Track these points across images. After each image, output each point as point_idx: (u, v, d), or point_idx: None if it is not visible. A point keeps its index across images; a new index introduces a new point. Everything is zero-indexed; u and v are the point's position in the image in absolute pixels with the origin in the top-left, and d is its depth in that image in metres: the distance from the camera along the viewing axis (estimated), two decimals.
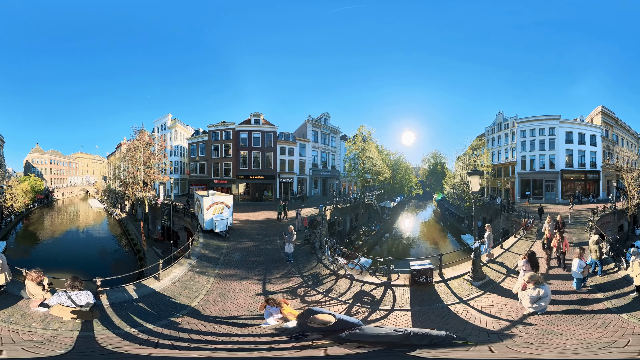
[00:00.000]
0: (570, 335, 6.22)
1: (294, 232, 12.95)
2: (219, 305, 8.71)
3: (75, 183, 64.47)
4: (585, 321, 6.99)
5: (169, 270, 10.97)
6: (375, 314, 8.20)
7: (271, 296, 6.70)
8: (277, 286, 10.20)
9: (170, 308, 8.28)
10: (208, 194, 18.70)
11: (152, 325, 7.06)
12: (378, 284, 10.14)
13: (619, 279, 9.30)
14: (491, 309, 8.00)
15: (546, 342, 5.83)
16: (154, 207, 28.58)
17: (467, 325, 7.21)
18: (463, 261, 11.97)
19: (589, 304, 7.95)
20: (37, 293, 7.03)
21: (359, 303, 8.88)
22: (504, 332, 6.62)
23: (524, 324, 6.95)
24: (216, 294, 9.53)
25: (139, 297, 8.71)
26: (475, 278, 9.86)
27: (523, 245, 14.83)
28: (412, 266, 10.16)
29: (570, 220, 21.36)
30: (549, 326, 6.72)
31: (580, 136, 35.38)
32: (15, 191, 35.64)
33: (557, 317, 7.26)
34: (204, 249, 14.17)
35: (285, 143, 37.25)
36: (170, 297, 8.95)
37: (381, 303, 8.87)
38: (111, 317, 7.28)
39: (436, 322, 7.49)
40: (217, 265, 12.22)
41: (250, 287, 10.08)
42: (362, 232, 29.18)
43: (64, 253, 26.98)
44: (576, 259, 8.87)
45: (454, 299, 8.89)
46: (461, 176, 39.36)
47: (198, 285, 10.03)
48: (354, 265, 11.36)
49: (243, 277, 10.97)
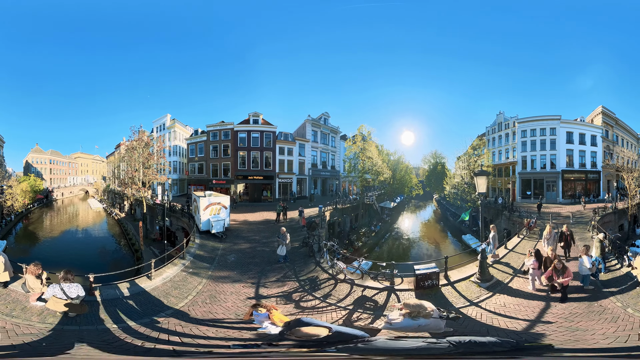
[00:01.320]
0: (590, 329, 6.50)
1: (286, 235, 12.77)
2: (206, 307, 8.57)
3: (75, 183, 64.40)
4: (597, 316, 7.22)
5: (162, 269, 10.93)
6: (379, 321, 7.92)
7: (260, 301, 6.50)
8: (271, 290, 9.96)
9: (156, 307, 8.25)
10: (205, 195, 18.80)
11: (133, 323, 7.15)
12: (380, 289, 9.82)
13: (622, 276, 9.52)
14: (505, 310, 7.95)
15: (572, 339, 6.06)
16: (153, 208, 28.56)
17: (489, 327, 7.13)
18: (468, 263, 11.82)
19: (597, 300, 8.16)
20: (36, 286, 7.33)
21: (360, 309, 8.56)
22: (530, 332, 6.67)
23: (543, 322, 7.14)
24: (206, 295, 9.39)
25: (129, 295, 8.74)
26: (483, 280, 9.78)
27: (527, 245, 14.85)
28: (417, 270, 9.84)
29: (572, 220, 21.41)
30: (568, 323, 6.97)
31: (581, 136, 35.30)
32: (15, 191, 35.60)
33: (571, 313, 7.48)
34: (199, 250, 14.13)
35: (284, 143, 37.11)
36: (159, 297, 8.89)
37: (385, 309, 8.53)
38: (99, 312, 7.45)
39: (452, 327, 7.25)
40: (211, 267, 12.11)
41: (242, 290, 9.90)
42: (362, 233, 29.04)
43: (63, 252, 26.95)
44: (584, 256, 8.97)
45: (464, 301, 8.69)
46: (462, 176, 39.22)
47: (189, 286, 9.96)
48: (354, 269, 11.07)
49: (236, 280, 10.80)
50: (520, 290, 9.27)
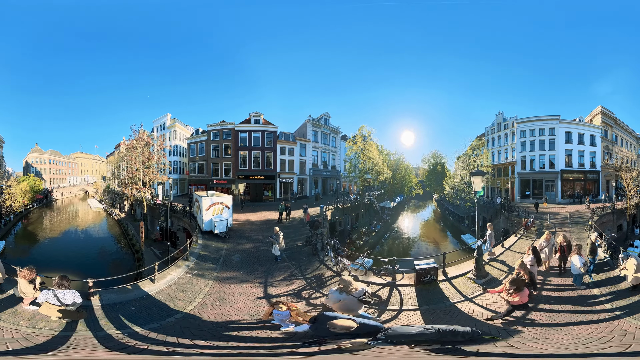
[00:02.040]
0: (567, 330, 6.52)
1: (279, 233, 12.87)
2: (217, 309, 8.49)
3: (75, 183, 64.21)
4: (582, 316, 7.28)
5: (166, 272, 10.76)
6: (385, 315, 8.18)
7: (280, 300, 6.56)
8: (280, 289, 10.04)
9: (163, 312, 8.03)
10: (207, 195, 18.50)
11: (140, 328, 6.93)
12: (383, 284, 10.12)
13: (615, 277, 9.58)
14: (495, 306, 8.11)
15: (548, 337, 6.13)
16: (153, 208, 28.54)
17: (477, 322, 7.31)
18: (465, 260, 12.12)
19: (586, 300, 8.19)
20: (28, 291, 7.08)
21: (365, 305, 8.80)
22: (511, 329, 6.79)
23: (527, 320, 7.20)
24: (214, 297, 9.29)
25: (132, 300, 8.52)
26: (479, 276, 10.04)
27: (524, 244, 14.94)
28: (417, 265, 10.20)
29: (570, 220, 21.54)
30: (550, 322, 7.04)
31: (580, 136, 35.42)
32: (14, 191, 35.52)
33: (556, 313, 7.55)
34: (202, 251, 14.03)
35: (285, 143, 37.16)
36: (164, 301, 8.71)
37: (389, 303, 8.88)
38: (99, 318, 7.23)
39: (446, 320, 7.57)
40: (216, 268, 12.01)
41: (250, 291, 9.90)
42: (362, 232, 29.18)
43: (63, 253, 26.86)
44: (575, 255, 9.00)
45: (459, 297, 9.00)
46: (461, 176, 39.42)
47: (196, 289, 9.83)
48: (358, 266, 11.31)
49: (243, 280, 10.80)
50: None
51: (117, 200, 45.70)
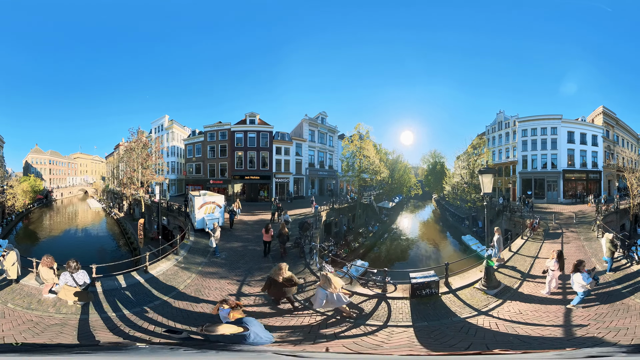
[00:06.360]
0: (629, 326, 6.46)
1: (216, 227, 13.68)
2: (189, 299, 8.99)
3: (74, 183, 64.54)
4: (625, 314, 7.19)
5: (157, 264, 11.72)
6: (355, 330, 7.03)
7: (228, 297, 6.47)
8: (254, 289, 9.90)
9: (147, 298, 8.93)
10: (200, 194, 19.03)
11: (127, 311, 7.83)
12: (370, 296, 9.11)
13: (633, 272, 9.61)
14: (523, 317, 7.33)
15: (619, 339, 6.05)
16: (151, 207, 28.67)
17: (512, 336, 6.43)
18: (470, 268, 11.01)
19: (619, 298, 8.09)
20: (49, 277, 7.98)
21: (337, 315, 7.73)
22: (561, 339, 6.28)
23: (575, 326, 6.84)
24: (192, 289, 9.83)
25: (126, 286, 9.57)
26: (490, 286, 9.04)
27: (532, 246, 14.29)
28: (413, 279, 8.94)
29: (575, 220, 21.15)
30: (600, 324, 6.72)
31: (582, 136, 35.03)
32: (16, 191, 35.83)
33: (596, 313, 7.39)
34: (192, 247, 14.61)
35: (281, 143, 36.98)
36: (150, 289, 9.59)
37: (370, 318, 7.70)
38: (102, 302, 8.24)
39: (459, 339, 6.59)
40: (202, 263, 12.45)
41: (226, 287, 10.09)
42: (359, 233, 28.79)
43: (63, 252, 26.95)
44: (577, 274, 7.69)
45: (470, 311, 7.95)
46: (461, 176, 38.90)
47: (178, 280, 10.46)
48: (343, 274, 10.56)
49: (223, 276, 10.99)
50: (532, 295, 8.74)
51: (116, 200, 45.85)
